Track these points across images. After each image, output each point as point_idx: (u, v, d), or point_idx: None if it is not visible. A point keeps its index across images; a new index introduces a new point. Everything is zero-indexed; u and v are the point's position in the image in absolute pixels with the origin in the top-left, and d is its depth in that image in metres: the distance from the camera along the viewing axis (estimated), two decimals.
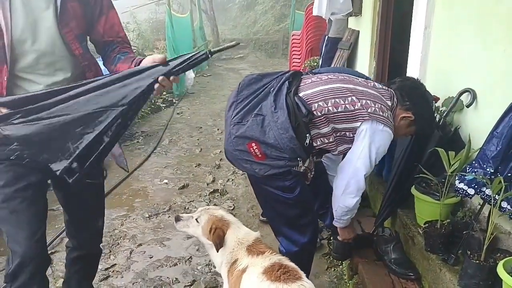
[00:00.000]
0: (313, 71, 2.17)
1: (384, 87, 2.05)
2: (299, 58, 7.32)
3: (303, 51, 7.09)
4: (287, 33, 12.59)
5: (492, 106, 2.01)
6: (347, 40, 5.21)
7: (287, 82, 1.93)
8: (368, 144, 1.87)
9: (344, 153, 2.02)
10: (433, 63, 2.72)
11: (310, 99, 1.88)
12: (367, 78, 2.22)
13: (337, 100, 1.86)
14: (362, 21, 4.87)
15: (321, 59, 5.69)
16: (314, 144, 1.91)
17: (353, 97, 1.87)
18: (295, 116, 1.83)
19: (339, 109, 1.86)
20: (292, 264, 1.60)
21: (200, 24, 12.24)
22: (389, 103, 1.97)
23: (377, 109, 1.87)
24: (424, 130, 2.15)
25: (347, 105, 1.86)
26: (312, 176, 2.06)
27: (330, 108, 1.85)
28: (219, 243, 1.77)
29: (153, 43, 10.98)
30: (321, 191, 2.39)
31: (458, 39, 2.40)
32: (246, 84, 2.00)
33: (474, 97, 2.20)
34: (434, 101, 2.12)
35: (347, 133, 1.91)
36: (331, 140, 1.91)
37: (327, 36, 5.57)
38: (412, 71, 2.90)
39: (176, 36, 8.36)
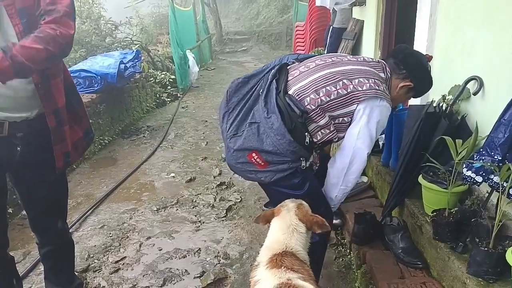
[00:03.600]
0: (298, 57, 2.07)
1: (374, 59, 2.02)
2: (303, 49, 7.29)
3: (307, 42, 7.05)
4: (290, 24, 12.52)
5: (499, 94, 1.99)
6: (352, 30, 5.17)
7: (274, 80, 1.87)
8: (366, 122, 1.82)
9: None
10: (439, 51, 2.70)
11: (301, 94, 1.83)
12: None
13: (327, 88, 1.81)
14: (366, 11, 4.83)
15: (326, 50, 5.66)
16: (315, 140, 1.87)
17: (344, 80, 1.82)
18: (290, 118, 1.77)
19: (332, 97, 1.81)
20: (302, 284, 1.41)
21: (203, 17, 12.19)
22: (382, 75, 1.93)
23: (371, 84, 1.83)
24: (423, 93, 2.15)
25: (339, 90, 1.81)
26: (317, 167, 2.05)
27: (323, 98, 1.80)
28: (258, 218, 1.78)
29: (157, 37, 10.97)
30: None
31: (464, 27, 2.37)
32: (233, 90, 1.94)
33: (481, 84, 2.19)
34: (428, 61, 2.08)
35: (345, 118, 1.86)
36: (331, 129, 1.87)
37: (331, 27, 5.53)
38: None
39: (179, 30, 8.34)
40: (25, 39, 1.52)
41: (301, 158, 1.84)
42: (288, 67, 1.98)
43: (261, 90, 1.87)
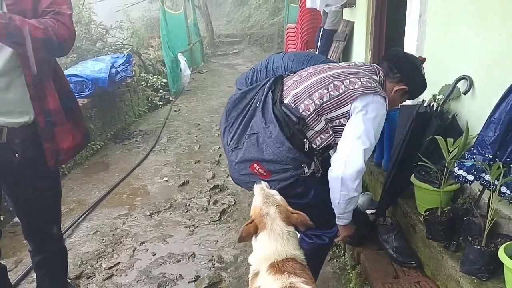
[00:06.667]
0: (290, 68, 2.09)
1: (365, 64, 2.03)
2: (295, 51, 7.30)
3: (299, 43, 7.06)
4: (281, 26, 12.53)
5: (489, 93, 2.01)
6: (342, 31, 5.20)
7: (270, 92, 1.89)
8: (361, 119, 1.77)
9: None
10: (429, 51, 2.72)
11: (295, 102, 1.85)
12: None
13: (320, 91, 1.82)
14: (356, 12, 4.85)
15: (317, 51, 5.67)
16: (314, 146, 1.86)
17: (335, 82, 1.83)
18: (288, 126, 1.79)
19: (325, 99, 1.81)
20: (305, 287, 1.38)
21: (194, 20, 12.18)
22: (375, 77, 1.93)
23: (363, 82, 1.82)
24: (418, 95, 2.15)
25: (331, 92, 1.81)
26: (320, 174, 2.02)
27: (317, 101, 1.81)
28: (241, 237, 1.58)
29: (148, 41, 10.92)
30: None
31: (453, 26, 2.40)
32: (232, 105, 1.97)
33: (471, 84, 2.21)
34: (421, 63, 2.09)
35: (341, 120, 1.83)
36: (330, 133, 1.86)
37: (322, 28, 5.56)
38: None
39: (170, 33, 8.32)
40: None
41: (303, 165, 1.84)
42: (282, 79, 2.00)
43: (258, 103, 1.89)
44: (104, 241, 3.09)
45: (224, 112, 1.99)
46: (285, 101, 1.87)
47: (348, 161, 1.79)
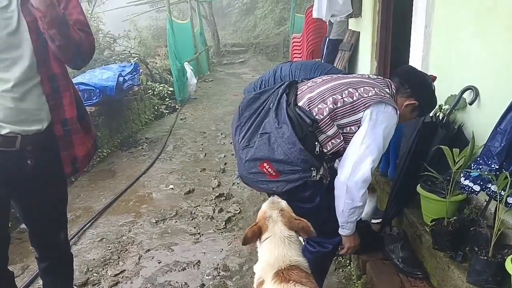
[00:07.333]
0: (303, 74, 2.14)
1: (379, 77, 2.07)
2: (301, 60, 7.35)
3: (304, 53, 7.12)
4: (287, 36, 12.62)
5: (495, 103, 2.02)
6: (348, 41, 5.23)
7: (284, 94, 1.92)
8: (371, 127, 1.80)
9: None
10: (434, 62, 2.74)
11: (310, 105, 1.88)
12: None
13: (334, 96, 1.86)
14: (362, 22, 4.89)
15: (322, 61, 5.71)
16: (325, 150, 1.88)
17: (350, 89, 1.87)
18: (300, 127, 1.81)
19: (339, 104, 1.84)
20: None
21: (200, 29, 12.29)
22: (388, 90, 1.96)
23: (377, 91, 1.86)
24: (428, 112, 2.17)
25: (345, 98, 1.85)
26: (328, 181, 2.02)
27: (331, 106, 1.84)
28: (246, 238, 1.59)
29: (155, 49, 11.04)
30: None
31: (459, 37, 2.41)
32: (245, 105, 1.99)
33: (477, 94, 2.22)
34: (432, 81, 2.12)
35: (352, 127, 1.86)
36: (341, 139, 1.88)
37: (328, 38, 5.60)
38: None
39: (177, 42, 8.40)
40: None
41: (312, 168, 1.85)
42: (297, 85, 2.03)
43: (271, 104, 1.92)
44: (110, 248, 3.10)
45: (237, 111, 2.02)
46: (299, 104, 1.90)
47: (355, 169, 1.81)
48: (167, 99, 7.73)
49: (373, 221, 2.64)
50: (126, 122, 5.97)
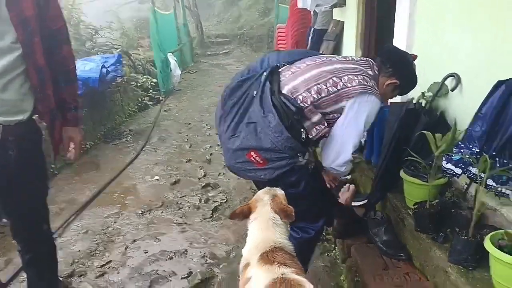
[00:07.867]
0: (288, 59, 2.13)
1: (362, 58, 2.09)
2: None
3: (289, 44, 7.12)
4: (271, 27, 12.58)
5: (476, 89, 2.06)
6: (333, 31, 5.26)
7: (267, 82, 1.92)
8: (353, 117, 1.89)
9: None
10: (418, 50, 2.76)
11: (294, 93, 1.89)
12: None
13: (318, 86, 1.88)
14: (346, 12, 4.91)
15: None
16: (310, 136, 1.91)
17: (334, 78, 1.89)
18: (286, 115, 1.82)
19: (323, 94, 1.88)
20: (296, 278, 1.38)
21: (184, 20, 12.14)
22: (370, 72, 2.00)
23: (360, 80, 1.90)
24: (408, 90, 2.23)
25: (329, 88, 1.88)
26: (312, 167, 2.08)
27: (314, 95, 1.87)
28: (233, 213, 1.67)
29: (138, 41, 10.86)
30: None
31: (442, 25, 2.45)
32: (228, 94, 1.98)
33: (459, 81, 2.27)
34: (413, 59, 2.16)
35: (336, 115, 1.93)
36: (325, 124, 1.92)
37: (313, 28, 5.62)
38: None
39: (160, 33, 8.29)
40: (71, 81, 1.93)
41: (298, 154, 1.90)
42: (279, 70, 2.02)
43: (255, 92, 1.91)
44: (95, 239, 3.08)
45: (220, 100, 2.02)
46: (283, 91, 1.91)
47: (338, 155, 1.95)
48: (151, 91, 7.65)
49: (353, 203, 2.69)
50: (110, 114, 5.89)
